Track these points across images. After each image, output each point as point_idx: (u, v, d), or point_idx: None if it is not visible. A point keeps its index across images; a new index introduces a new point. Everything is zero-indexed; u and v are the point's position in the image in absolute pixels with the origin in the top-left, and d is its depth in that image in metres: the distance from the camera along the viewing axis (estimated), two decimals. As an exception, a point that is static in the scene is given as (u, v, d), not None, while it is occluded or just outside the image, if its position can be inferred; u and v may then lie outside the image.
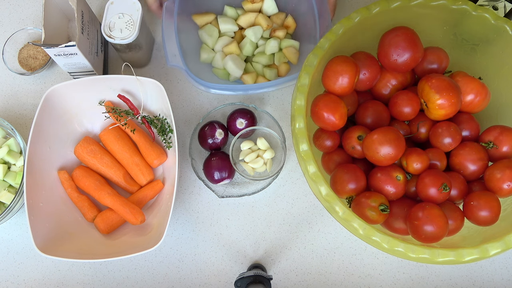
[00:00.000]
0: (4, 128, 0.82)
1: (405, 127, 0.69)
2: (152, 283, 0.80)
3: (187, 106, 0.88)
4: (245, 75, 0.83)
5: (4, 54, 0.88)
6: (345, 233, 0.81)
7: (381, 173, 0.64)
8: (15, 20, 0.93)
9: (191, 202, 0.83)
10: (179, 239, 0.81)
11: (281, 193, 0.83)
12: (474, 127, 0.69)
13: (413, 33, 0.66)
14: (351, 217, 0.59)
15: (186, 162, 0.84)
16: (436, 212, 0.59)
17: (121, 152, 0.80)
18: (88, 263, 0.81)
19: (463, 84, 0.67)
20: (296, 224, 0.82)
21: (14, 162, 0.80)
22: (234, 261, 0.80)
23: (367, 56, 0.69)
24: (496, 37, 0.69)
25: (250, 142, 0.81)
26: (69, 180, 0.79)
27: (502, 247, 0.58)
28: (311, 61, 0.65)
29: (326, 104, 0.65)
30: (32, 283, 0.80)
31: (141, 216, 0.77)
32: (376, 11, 0.66)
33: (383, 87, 0.71)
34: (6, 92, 0.89)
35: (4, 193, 0.77)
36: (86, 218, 0.79)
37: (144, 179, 0.80)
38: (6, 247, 0.82)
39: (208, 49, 0.87)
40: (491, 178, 0.63)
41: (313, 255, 0.80)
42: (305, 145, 0.62)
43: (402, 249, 0.57)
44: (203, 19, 0.87)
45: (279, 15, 0.88)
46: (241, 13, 0.87)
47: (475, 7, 0.67)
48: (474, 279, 0.79)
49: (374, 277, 0.79)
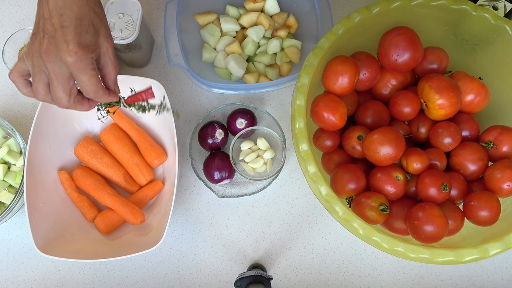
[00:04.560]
0: (4, 128, 0.82)
1: (405, 127, 0.69)
2: (152, 283, 0.80)
3: (187, 106, 0.88)
4: (247, 75, 0.83)
5: (4, 54, 0.88)
6: (345, 233, 0.81)
7: (381, 173, 0.64)
8: (15, 20, 0.93)
9: (191, 202, 0.83)
10: (179, 239, 0.81)
11: (281, 193, 0.83)
12: (474, 127, 0.69)
13: (413, 33, 0.66)
14: (351, 217, 0.59)
15: (186, 162, 0.84)
16: (436, 212, 0.59)
17: (121, 152, 0.80)
18: (88, 263, 0.81)
19: (463, 84, 0.67)
20: (296, 224, 0.82)
21: (14, 162, 0.80)
22: (234, 261, 0.80)
23: (367, 56, 0.69)
24: (496, 37, 0.69)
25: (250, 142, 0.81)
26: (69, 180, 0.79)
27: (502, 247, 0.58)
28: (311, 61, 0.65)
29: (326, 104, 0.65)
30: (32, 283, 0.80)
31: (141, 216, 0.77)
32: (376, 11, 0.66)
33: (383, 87, 0.71)
34: (6, 92, 0.89)
35: (4, 193, 0.77)
36: (86, 218, 0.79)
37: (144, 179, 0.80)
38: (6, 247, 0.82)
39: (210, 48, 0.87)
40: (491, 178, 0.63)
41: (313, 255, 0.80)
42: (305, 145, 0.62)
43: (402, 249, 0.57)
44: (205, 18, 0.87)
45: (281, 14, 0.88)
46: (243, 12, 0.87)
47: (475, 7, 0.67)
48: (474, 279, 0.79)
49: (374, 277, 0.79)
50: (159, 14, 0.92)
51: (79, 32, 0.50)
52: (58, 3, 0.49)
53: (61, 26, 0.49)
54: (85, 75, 0.51)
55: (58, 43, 0.49)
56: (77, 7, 0.50)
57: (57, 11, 0.49)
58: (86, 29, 0.51)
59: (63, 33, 0.49)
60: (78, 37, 0.49)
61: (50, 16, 0.49)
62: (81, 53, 0.50)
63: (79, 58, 0.50)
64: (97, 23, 0.52)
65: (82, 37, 0.50)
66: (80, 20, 0.50)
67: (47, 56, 0.50)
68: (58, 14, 0.49)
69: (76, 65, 0.50)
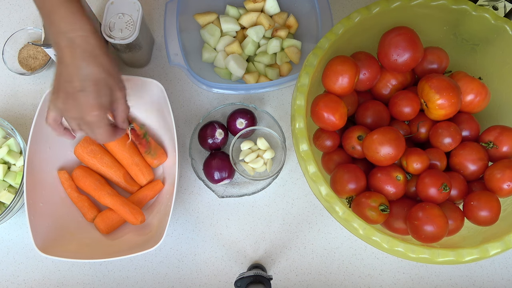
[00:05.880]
0: (4, 128, 0.82)
1: (405, 127, 0.69)
2: (152, 283, 0.80)
3: (187, 106, 0.88)
4: (247, 75, 0.83)
5: (4, 54, 0.88)
6: (345, 233, 0.81)
7: (381, 173, 0.64)
8: (15, 20, 0.93)
9: (191, 202, 0.83)
10: (179, 239, 0.81)
11: (281, 193, 0.83)
12: (474, 127, 0.69)
13: (413, 33, 0.66)
14: (351, 217, 0.59)
15: (186, 162, 0.84)
16: (436, 212, 0.59)
17: (121, 152, 0.80)
18: (88, 263, 0.81)
19: (463, 84, 0.67)
20: (296, 224, 0.82)
21: (14, 162, 0.80)
22: (234, 261, 0.80)
23: (367, 56, 0.69)
24: (496, 37, 0.69)
25: (250, 142, 0.81)
26: (69, 180, 0.79)
27: (502, 247, 0.58)
28: (311, 61, 0.65)
29: (326, 104, 0.65)
30: (32, 283, 0.80)
31: (141, 216, 0.77)
32: (376, 11, 0.66)
33: (383, 87, 0.71)
34: (6, 92, 0.89)
35: (4, 193, 0.77)
36: (86, 218, 0.79)
37: (144, 179, 0.80)
38: (6, 247, 0.82)
39: (210, 48, 0.87)
40: (491, 178, 0.63)
41: (313, 255, 0.80)
42: (305, 145, 0.62)
43: (402, 249, 0.57)
44: (205, 18, 0.87)
45: (281, 14, 0.88)
46: (243, 12, 0.87)
47: (475, 7, 0.67)
48: (474, 279, 0.79)
49: (374, 277, 0.79)
50: (159, 14, 0.92)
51: (98, 96, 0.58)
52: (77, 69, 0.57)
53: (81, 90, 0.57)
54: (100, 129, 0.60)
55: (80, 105, 0.58)
56: (93, 74, 0.57)
57: (77, 77, 0.57)
58: (103, 92, 0.59)
59: (85, 96, 0.57)
60: (97, 100, 0.58)
61: (71, 79, 0.57)
62: (99, 113, 0.59)
63: (97, 118, 0.59)
64: (112, 83, 0.60)
65: (100, 99, 0.58)
66: (98, 85, 0.58)
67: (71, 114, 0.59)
68: (78, 79, 0.57)
69: (95, 123, 0.59)
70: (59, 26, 0.57)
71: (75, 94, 0.58)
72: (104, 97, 0.59)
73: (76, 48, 0.57)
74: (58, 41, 0.57)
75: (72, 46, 0.57)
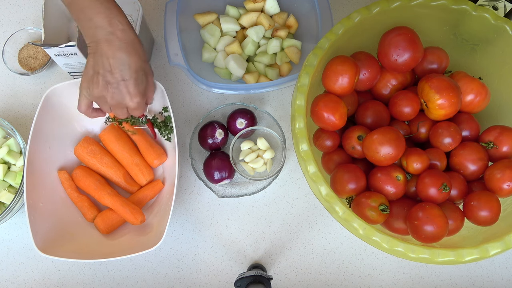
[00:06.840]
0: (4, 128, 0.82)
1: (405, 127, 0.69)
2: (152, 283, 0.80)
3: (187, 106, 0.88)
4: (247, 75, 0.83)
5: (4, 54, 0.88)
6: (345, 233, 0.81)
7: (381, 173, 0.64)
8: (15, 20, 0.93)
9: (191, 202, 0.83)
10: (179, 239, 0.81)
11: (281, 193, 0.83)
12: (474, 127, 0.69)
13: (413, 33, 0.66)
14: (351, 217, 0.59)
15: (186, 162, 0.84)
16: (436, 212, 0.59)
17: (121, 152, 0.80)
18: (88, 263, 0.81)
19: (463, 84, 0.67)
20: (296, 224, 0.82)
21: (14, 162, 0.80)
22: (234, 261, 0.80)
23: (367, 56, 0.69)
24: (496, 37, 0.69)
25: (250, 142, 0.81)
26: (69, 180, 0.79)
27: (502, 247, 0.58)
28: (311, 61, 0.65)
29: (326, 104, 0.65)
30: (32, 283, 0.80)
31: (141, 216, 0.77)
32: (376, 11, 0.66)
33: (383, 87, 0.71)
34: (6, 92, 0.89)
35: (4, 193, 0.77)
36: (86, 218, 0.79)
37: (144, 179, 0.80)
38: (6, 247, 0.82)
39: (210, 48, 0.87)
40: (491, 178, 0.63)
41: (313, 255, 0.80)
42: (305, 145, 0.62)
43: (402, 249, 0.57)
44: (205, 18, 0.87)
45: (281, 14, 0.88)
46: (243, 12, 0.87)
47: (475, 7, 0.67)
48: (474, 279, 0.79)
49: (374, 277, 0.79)
50: (159, 14, 0.93)
51: (137, 84, 0.64)
52: (118, 60, 0.61)
53: (122, 79, 0.62)
54: (139, 111, 0.68)
55: (122, 93, 0.64)
56: (134, 63, 0.62)
57: (117, 67, 0.61)
58: (141, 79, 0.65)
59: (126, 85, 0.63)
60: (137, 88, 0.64)
61: (111, 69, 0.62)
62: (139, 99, 0.65)
63: (138, 103, 0.66)
64: (147, 69, 0.66)
65: (139, 87, 0.64)
66: (137, 73, 0.63)
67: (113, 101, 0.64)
68: (119, 69, 0.62)
69: (136, 107, 0.66)
70: (96, 21, 0.60)
71: (117, 83, 0.62)
72: (141, 85, 0.65)
73: (116, 40, 0.60)
74: (95, 35, 0.61)
75: (111, 39, 0.60)
